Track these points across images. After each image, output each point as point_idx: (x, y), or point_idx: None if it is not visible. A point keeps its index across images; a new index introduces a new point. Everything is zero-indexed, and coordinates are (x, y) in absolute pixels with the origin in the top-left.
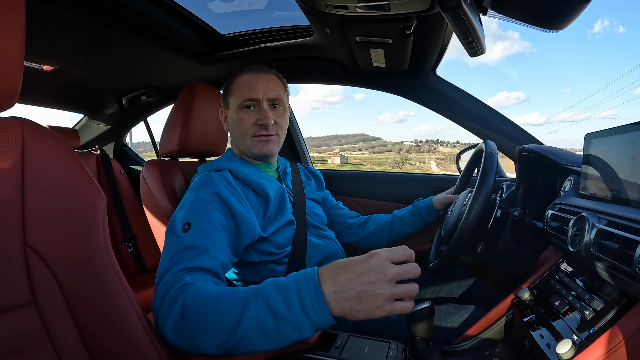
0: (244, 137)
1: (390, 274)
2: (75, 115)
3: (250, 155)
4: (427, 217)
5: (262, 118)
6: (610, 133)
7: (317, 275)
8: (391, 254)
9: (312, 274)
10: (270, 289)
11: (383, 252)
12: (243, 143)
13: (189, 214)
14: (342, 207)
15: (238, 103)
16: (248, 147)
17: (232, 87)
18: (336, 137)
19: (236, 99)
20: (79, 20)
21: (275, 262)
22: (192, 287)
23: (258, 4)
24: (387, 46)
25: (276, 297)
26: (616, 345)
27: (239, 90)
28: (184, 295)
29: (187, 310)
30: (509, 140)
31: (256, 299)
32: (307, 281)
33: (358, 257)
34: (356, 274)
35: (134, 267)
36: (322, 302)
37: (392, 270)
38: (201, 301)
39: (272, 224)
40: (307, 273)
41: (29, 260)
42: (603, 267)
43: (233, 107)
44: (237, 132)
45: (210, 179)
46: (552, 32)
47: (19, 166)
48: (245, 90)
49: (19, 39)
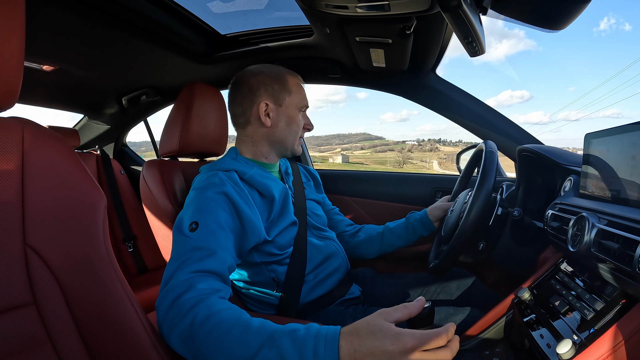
0: (295, 136)
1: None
2: (75, 115)
3: (287, 153)
4: (420, 231)
5: (309, 124)
6: (610, 133)
7: (337, 340)
8: (420, 342)
9: (333, 337)
10: (287, 341)
11: (411, 341)
12: (292, 141)
13: (196, 213)
14: (338, 214)
15: (300, 105)
16: (294, 146)
17: (288, 86)
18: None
19: (297, 101)
20: (79, 20)
21: (276, 263)
22: (204, 303)
23: (258, 4)
24: (387, 46)
25: (291, 352)
26: (616, 345)
27: (298, 93)
28: (195, 310)
29: (196, 329)
30: (509, 140)
31: (270, 348)
32: (327, 343)
33: (383, 332)
34: (373, 354)
35: (134, 267)
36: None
37: (415, 356)
38: (213, 323)
39: (276, 226)
40: (329, 334)
41: (29, 260)
42: (603, 267)
43: (292, 106)
44: (290, 130)
45: (218, 178)
46: (553, 32)
47: (19, 166)
48: (304, 95)
49: (19, 39)
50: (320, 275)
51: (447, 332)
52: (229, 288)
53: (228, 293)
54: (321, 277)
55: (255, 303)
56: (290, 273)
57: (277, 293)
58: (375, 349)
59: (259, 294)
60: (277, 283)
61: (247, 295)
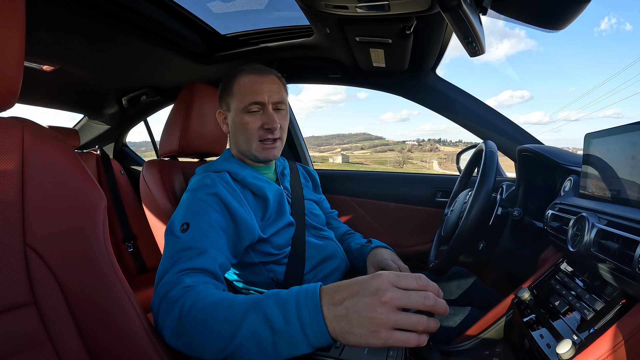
0: (249, 142)
1: (386, 296)
2: (75, 115)
3: (254, 159)
4: (356, 261)
5: (268, 122)
6: (610, 133)
7: (318, 293)
8: (397, 277)
9: (314, 291)
10: (271, 302)
11: (387, 274)
12: (247, 147)
13: (187, 214)
14: (336, 219)
15: (243, 106)
16: (253, 152)
17: (233, 89)
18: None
19: (240, 102)
20: (79, 20)
21: (274, 262)
22: (191, 292)
23: (258, 4)
24: (387, 46)
25: (275, 311)
26: (616, 345)
27: (242, 93)
28: (183, 300)
29: (185, 316)
30: (509, 140)
31: (255, 311)
32: (307, 298)
33: (363, 276)
34: (352, 292)
35: (134, 267)
36: (321, 321)
37: (390, 293)
38: (200, 307)
39: (272, 226)
40: (309, 289)
41: (29, 260)
42: (603, 267)
43: (236, 110)
44: (242, 136)
45: (209, 179)
46: (552, 32)
47: (19, 166)
48: (250, 93)
49: (19, 39)
50: (320, 275)
51: (417, 277)
52: (219, 284)
53: (219, 287)
54: (320, 276)
55: None
56: (289, 273)
57: None
58: (355, 291)
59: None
60: (276, 283)
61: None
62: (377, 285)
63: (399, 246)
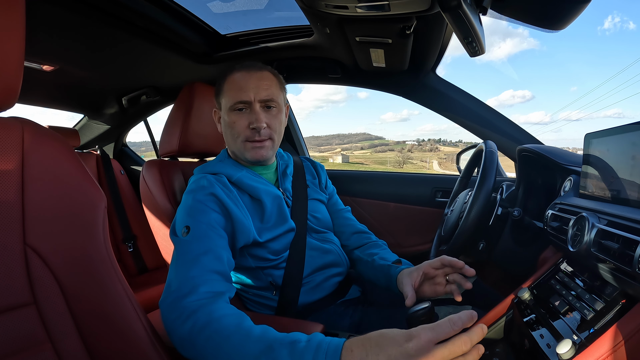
0: (236, 141)
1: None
2: (75, 115)
3: (244, 159)
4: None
5: (253, 121)
6: (610, 133)
7: (340, 353)
8: (434, 333)
9: (335, 351)
10: (284, 353)
11: (424, 334)
12: (236, 147)
13: (187, 217)
14: (348, 218)
15: (229, 105)
16: (241, 152)
17: (223, 87)
18: (338, 136)
19: (227, 100)
20: (79, 20)
21: (272, 267)
22: (205, 310)
23: (258, 4)
24: (387, 46)
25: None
26: (616, 345)
27: (230, 90)
28: (196, 315)
29: (196, 334)
30: (509, 140)
31: (267, 359)
32: (327, 356)
33: (394, 334)
34: (388, 356)
35: (134, 267)
36: None
37: (437, 353)
38: (212, 330)
39: (270, 231)
40: (330, 348)
41: (29, 260)
42: (603, 267)
43: (224, 109)
44: (230, 135)
45: (206, 181)
46: (553, 32)
47: (19, 166)
48: (236, 91)
49: (19, 39)
50: (320, 278)
51: (461, 318)
52: (231, 286)
53: (232, 292)
54: (320, 279)
55: (254, 305)
56: (288, 277)
57: (275, 296)
58: (385, 352)
59: (258, 297)
60: (274, 287)
61: (246, 298)
62: (419, 350)
63: (399, 246)
